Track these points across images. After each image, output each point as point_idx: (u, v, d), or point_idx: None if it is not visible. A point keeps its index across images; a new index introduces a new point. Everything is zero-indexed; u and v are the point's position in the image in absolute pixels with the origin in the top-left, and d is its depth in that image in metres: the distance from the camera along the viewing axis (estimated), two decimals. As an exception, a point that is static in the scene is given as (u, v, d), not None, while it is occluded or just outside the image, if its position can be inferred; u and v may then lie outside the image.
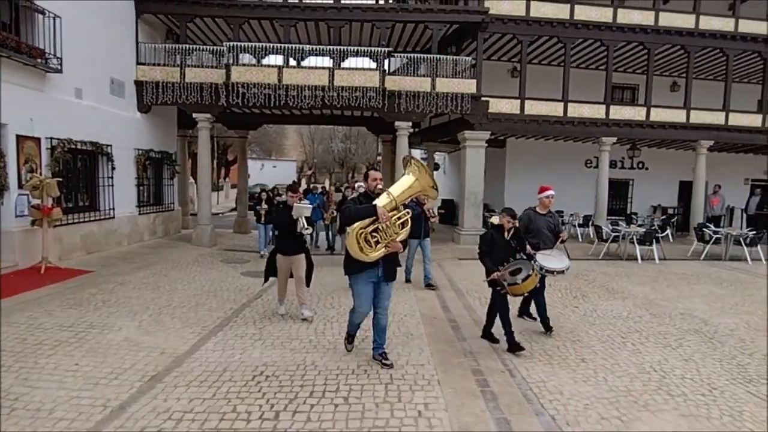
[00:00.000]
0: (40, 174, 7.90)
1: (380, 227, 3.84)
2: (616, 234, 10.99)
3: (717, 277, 9.04)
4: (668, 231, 13.13)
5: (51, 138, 8.32)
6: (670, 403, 3.64)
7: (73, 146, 8.85)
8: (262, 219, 10.27)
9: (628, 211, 15.79)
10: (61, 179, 8.00)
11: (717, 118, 13.17)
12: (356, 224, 3.80)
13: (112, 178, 10.18)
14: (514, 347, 4.61)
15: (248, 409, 3.41)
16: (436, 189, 4.05)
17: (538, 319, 5.33)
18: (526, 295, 5.00)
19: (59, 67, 8.29)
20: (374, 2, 12.60)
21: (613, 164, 15.73)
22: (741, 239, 10.82)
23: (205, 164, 12.05)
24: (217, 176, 34.89)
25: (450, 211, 17.08)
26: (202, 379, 3.94)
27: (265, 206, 10.27)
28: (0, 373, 3.85)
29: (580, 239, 13.80)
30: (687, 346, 5.00)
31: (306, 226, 5.44)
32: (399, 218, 3.94)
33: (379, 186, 4.10)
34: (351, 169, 60.74)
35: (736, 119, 13.25)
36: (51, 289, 6.80)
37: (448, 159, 20.05)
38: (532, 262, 4.84)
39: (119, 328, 5.20)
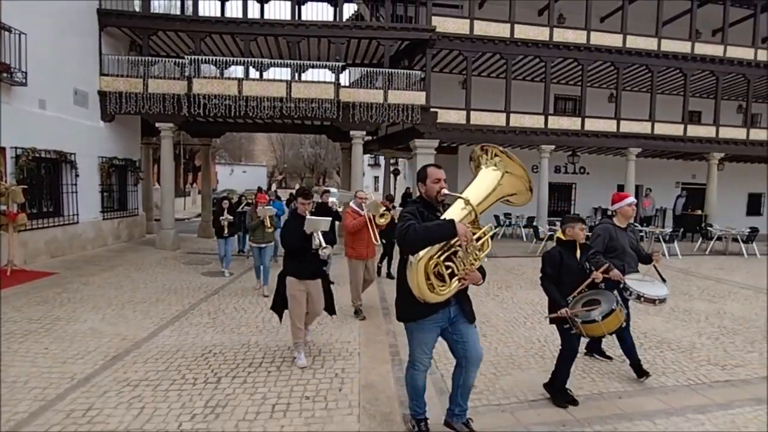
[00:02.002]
0: (5, 181, 8.34)
1: (458, 253, 2.69)
2: (551, 233, 12.09)
3: (632, 269, 10.21)
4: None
5: (16, 147, 8.75)
6: (540, 363, 4.57)
7: (38, 155, 9.28)
8: (226, 231, 8.66)
9: (572, 213, 17.06)
10: (26, 186, 8.45)
11: (644, 127, 14.55)
12: (423, 252, 2.60)
13: (75, 185, 10.59)
14: (562, 400, 3.68)
15: (195, 377, 4.14)
16: (531, 191, 2.86)
17: (627, 361, 4.33)
18: (606, 336, 3.74)
19: (24, 81, 8.77)
20: (331, 19, 13.39)
21: (557, 169, 17.07)
22: (660, 236, 12.10)
23: (168, 171, 12.56)
24: (183, 182, 34.94)
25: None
26: (158, 356, 4.63)
27: (229, 217, 8.65)
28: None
29: (524, 239, 14.92)
30: (575, 323, 5.98)
31: (324, 244, 4.31)
32: (478, 238, 2.75)
33: (445, 190, 2.86)
34: (321, 173, 61.37)
35: (661, 128, 14.67)
36: (18, 289, 7.28)
37: (407, 164, 21.02)
38: (616, 292, 3.82)
39: (84, 320, 5.80)
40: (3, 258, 8.22)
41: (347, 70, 13.30)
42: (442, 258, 2.67)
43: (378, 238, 6.21)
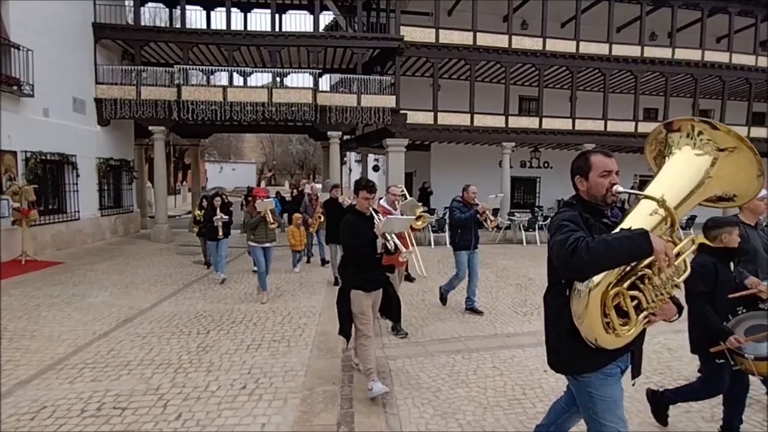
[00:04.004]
0: (18, 182, 9.46)
1: (652, 279, 1.87)
2: (509, 223, 13.44)
3: (575, 252, 11.58)
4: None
5: (25, 151, 9.87)
6: (455, 316, 5.87)
7: (44, 157, 10.41)
8: (220, 233, 7.95)
9: (537, 205, 18.44)
10: (36, 186, 9.58)
11: (598, 125, 15.94)
12: (600, 276, 1.80)
13: (77, 184, 11.71)
14: None
15: (189, 330, 5.38)
16: (762, 175, 1.88)
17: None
18: None
19: (31, 92, 9.87)
20: (310, 26, 14.57)
21: (522, 164, 18.44)
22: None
23: (161, 171, 13.70)
24: (174, 180, 35.86)
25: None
26: (160, 318, 5.86)
27: (224, 216, 7.95)
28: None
29: (490, 229, 16.25)
30: (500, 289, 7.32)
31: (404, 248, 3.68)
32: (677, 255, 1.86)
33: (618, 187, 1.99)
34: (311, 170, 62.39)
35: (614, 126, 16.06)
36: (33, 274, 8.44)
37: (385, 160, 22.24)
38: None
39: (95, 296, 7.00)
40: (16, 249, 9.36)
41: (324, 76, 14.43)
42: (626, 285, 1.86)
43: (413, 243, 4.98)
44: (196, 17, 18.85)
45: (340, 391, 3.80)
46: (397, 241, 3.62)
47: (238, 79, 14.04)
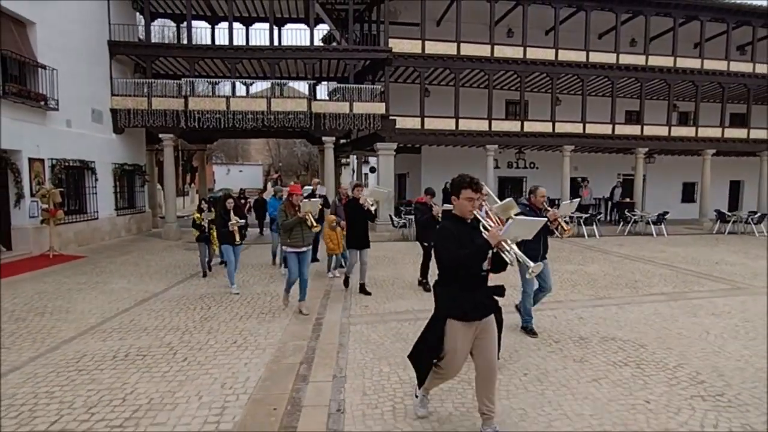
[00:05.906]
0: (46, 186, 10.75)
1: None
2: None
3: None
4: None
5: (51, 158, 11.17)
6: (414, 295, 7.01)
7: (67, 164, 11.71)
8: (237, 238, 7.43)
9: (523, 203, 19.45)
10: (63, 189, 10.87)
11: (577, 128, 16.95)
12: None
13: (95, 187, 13.01)
14: None
15: (194, 306, 6.59)
16: None
17: None
18: None
19: (56, 107, 11.16)
20: (307, 36, 15.73)
21: (509, 165, 19.52)
22: (580, 221, 14.55)
23: (170, 174, 14.97)
24: (182, 182, 37.27)
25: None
26: (171, 299, 7.07)
27: (239, 220, 7.43)
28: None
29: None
30: (463, 278, 8.42)
31: (532, 265, 2.83)
32: None
33: None
34: (315, 171, 63.61)
35: (592, 128, 17.06)
36: (61, 266, 9.72)
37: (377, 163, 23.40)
38: None
39: (116, 283, 8.24)
40: (45, 245, 10.66)
41: (321, 85, 15.61)
42: None
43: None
44: (201, 32, 20.15)
45: (307, 344, 4.98)
46: (517, 251, 2.85)
47: (240, 89, 15.29)
